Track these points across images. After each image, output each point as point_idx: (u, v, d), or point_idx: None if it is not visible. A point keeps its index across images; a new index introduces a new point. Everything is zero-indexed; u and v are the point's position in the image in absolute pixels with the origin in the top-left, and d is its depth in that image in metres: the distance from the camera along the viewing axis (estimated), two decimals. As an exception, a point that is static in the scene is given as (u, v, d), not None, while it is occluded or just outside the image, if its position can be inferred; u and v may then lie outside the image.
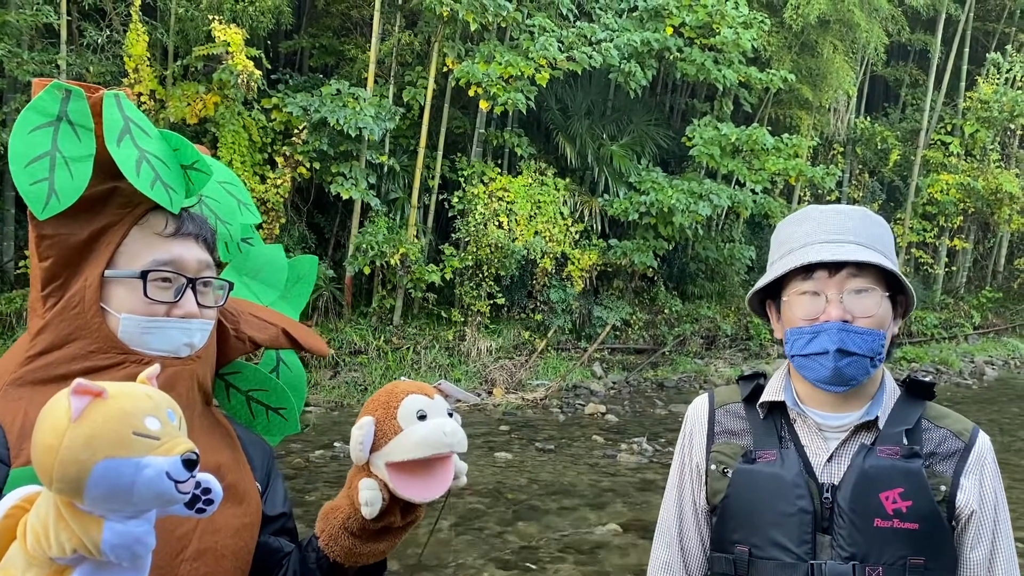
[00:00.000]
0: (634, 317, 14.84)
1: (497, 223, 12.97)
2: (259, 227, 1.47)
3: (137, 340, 1.21)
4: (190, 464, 0.94)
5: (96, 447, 0.90)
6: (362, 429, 1.19)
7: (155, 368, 1.03)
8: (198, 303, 1.26)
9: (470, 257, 12.90)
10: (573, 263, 13.81)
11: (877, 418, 1.58)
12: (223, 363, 1.40)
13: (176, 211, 1.24)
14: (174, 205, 1.23)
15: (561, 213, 13.78)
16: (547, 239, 13.37)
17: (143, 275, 1.21)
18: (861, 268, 1.55)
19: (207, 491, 0.97)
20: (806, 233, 1.61)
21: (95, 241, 1.20)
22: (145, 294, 1.21)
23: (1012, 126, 19.49)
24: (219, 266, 1.37)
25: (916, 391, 1.64)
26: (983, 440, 1.61)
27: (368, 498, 1.19)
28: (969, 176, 18.54)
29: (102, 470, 0.90)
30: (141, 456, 0.92)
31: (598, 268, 14.34)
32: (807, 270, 1.57)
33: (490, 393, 12.12)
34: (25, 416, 1.13)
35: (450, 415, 1.24)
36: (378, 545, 1.26)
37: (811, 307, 1.56)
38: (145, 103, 10.85)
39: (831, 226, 1.59)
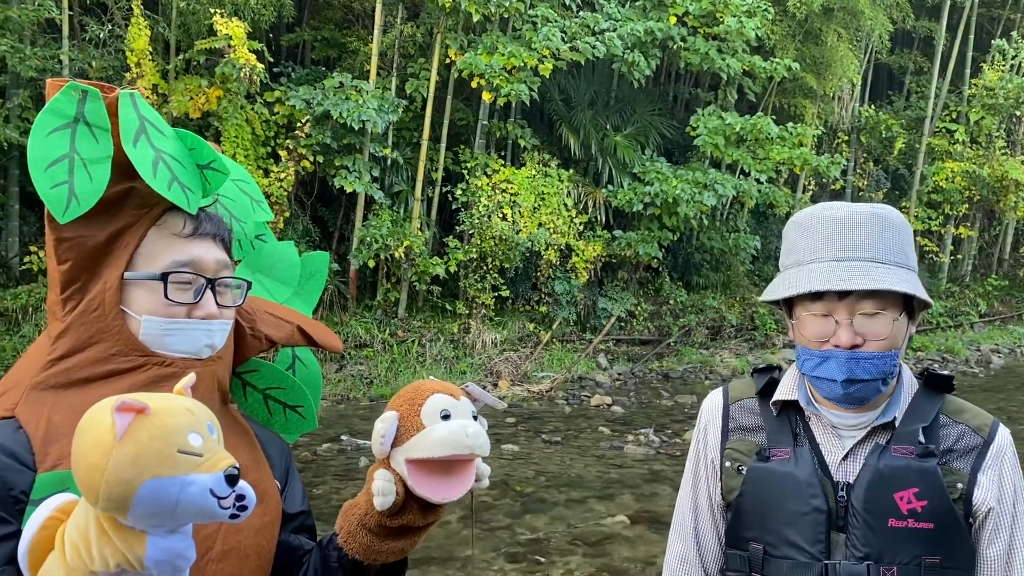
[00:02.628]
0: (639, 308, 14.82)
1: (501, 215, 12.95)
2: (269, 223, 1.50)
3: (158, 342, 1.21)
4: (232, 479, 0.95)
5: (142, 466, 0.90)
6: (385, 423, 1.19)
7: (191, 377, 1.02)
8: (217, 303, 1.26)
9: (474, 249, 12.88)
10: (577, 254, 13.79)
11: (895, 419, 1.57)
12: (239, 361, 1.40)
13: (194, 211, 1.24)
14: (191, 206, 1.22)
15: (565, 204, 13.75)
16: (551, 231, 13.34)
17: (163, 277, 1.20)
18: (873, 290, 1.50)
19: (241, 497, 0.97)
20: (815, 245, 1.54)
21: (113, 243, 1.20)
22: (165, 296, 1.20)
23: (1018, 113, 19.36)
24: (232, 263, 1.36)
25: (934, 385, 1.62)
26: (1003, 435, 1.58)
27: (381, 488, 1.18)
28: (974, 164, 18.46)
29: (148, 489, 0.90)
30: (185, 474, 0.92)
31: (602, 259, 14.31)
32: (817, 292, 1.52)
33: (495, 385, 12.12)
34: (49, 421, 1.13)
35: (475, 418, 1.23)
36: (397, 543, 1.26)
37: (822, 328, 1.53)
38: (148, 98, 10.82)
39: (841, 240, 1.52)
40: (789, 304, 1.63)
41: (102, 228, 1.18)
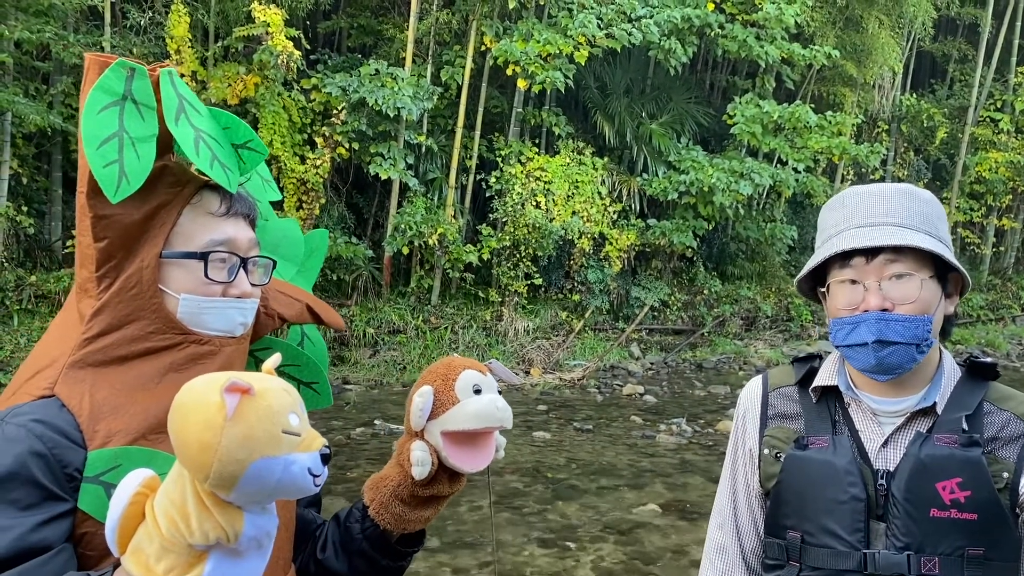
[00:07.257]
0: (672, 298, 14.74)
1: (534, 203, 12.92)
2: (278, 204, 1.47)
3: (196, 320, 1.23)
4: (326, 458, 1.00)
5: (252, 447, 0.94)
6: (423, 397, 1.26)
7: (276, 358, 1.06)
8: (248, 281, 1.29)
9: (507, 237, 12.88)
10: (611, 243, 13.73)
11: (935, 404, 1.54)
12: (253, 340, 1.42)
13: (234, 190, 1.26)
14: (232, 184, 1.24)
15: (599, 193, 13.68)
16: (585, 219, 13.29)
17: (203, 256, 1.23)
18: (900, 252, 1.49)
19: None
20: (844, 218, 1.56)
21: (149, 221, 1.21)
22: (205, 275, 1.23)
23: (1065, 102, 18.88)
24: None
25: (977, 373, 1.59)
26: None
27: (419, 459, 1.25)
28: (1019, 154, 18.04)
29: (257, 469, 0.94)
30: (288, 453, 0.96)
31: (636, 248, 14.24)
32: (845, 257, 1.52)
33: (527, 373, 12.13)
34: (91, 398, 1.15)
35: (499, 392, 1.31)
36: (424, 512, 1.33)
37: (851, 296, 1.52)
38: (187, 84, 10.95)
39: (868, 209, 1.54)
40: (824, 285, 1.62)
41: (139, 206, 1.19)
